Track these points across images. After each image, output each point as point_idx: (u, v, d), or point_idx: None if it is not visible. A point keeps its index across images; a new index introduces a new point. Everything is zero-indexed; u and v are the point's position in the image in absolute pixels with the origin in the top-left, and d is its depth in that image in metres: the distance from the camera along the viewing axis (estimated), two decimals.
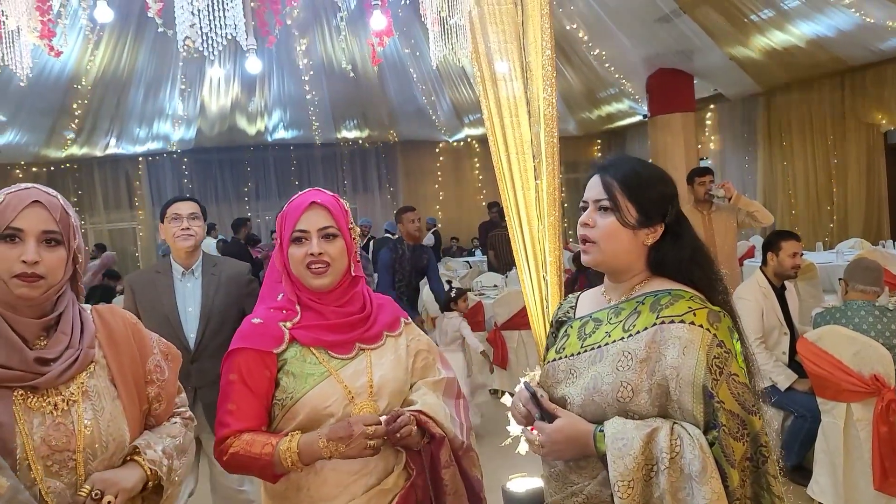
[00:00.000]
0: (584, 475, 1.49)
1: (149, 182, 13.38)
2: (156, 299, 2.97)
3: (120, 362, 1.50)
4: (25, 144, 11.16)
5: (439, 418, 1.71)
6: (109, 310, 1.59)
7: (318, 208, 1.70)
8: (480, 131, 13.60)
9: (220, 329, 2.99)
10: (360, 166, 14.52)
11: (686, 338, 1.38)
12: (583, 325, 1.59)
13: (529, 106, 3.41)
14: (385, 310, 1.83)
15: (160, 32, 7.91)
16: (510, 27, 3.40)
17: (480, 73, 3.47)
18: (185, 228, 2.99)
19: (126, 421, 1.46)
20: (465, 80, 10.94)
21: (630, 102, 11.33)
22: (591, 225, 1.52)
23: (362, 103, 11.95)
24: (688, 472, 1.32)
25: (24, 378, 1.35)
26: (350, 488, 1.64)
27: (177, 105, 10.78)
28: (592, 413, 1.45)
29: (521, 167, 3.38)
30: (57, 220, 1.40)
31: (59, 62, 7.94)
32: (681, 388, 1.37)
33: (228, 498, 3.14)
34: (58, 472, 1.35)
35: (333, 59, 9.81)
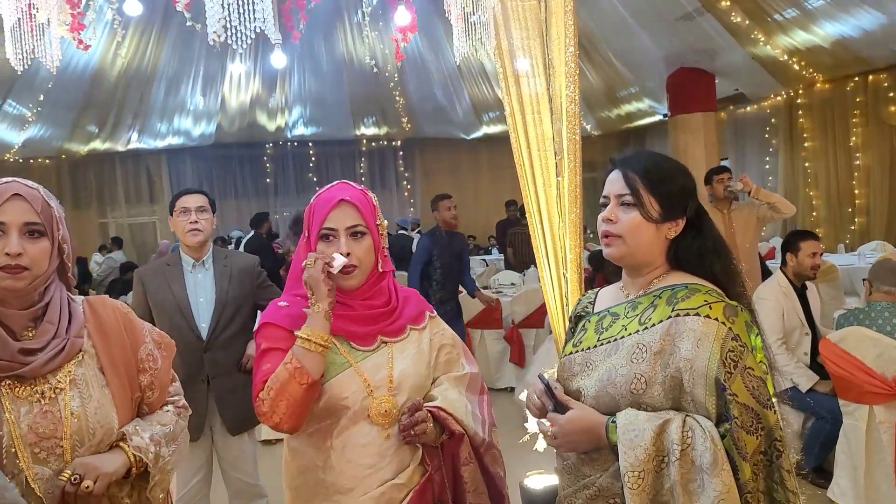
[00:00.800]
0: (596, 467, 1.50)
1: (169, 177, 13.50)
2: (166, 290, 2.99)
3: (109, 351, 1.53)
4: (49, 138, 11.30)
5: (459, 415, 1.69)
6: (100, 300, 1.62)
7: (347, 205, 1.67)
8: (499, 129, 13.58)
9: (232, 320, 3.02)
10: (378, 163, 14.56)
11: (700, 330, 1.39)
12: (600, 320, 1.60)
13: (552, 103, 3.41)
14: (410, 303, 1.82)
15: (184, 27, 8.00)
16: (533, 23, 3.39)
17: (503, 70, 3.48)
18: (193, 222, 3.01)
19: (115, 409, 1.49)
20: (485, 78, 10.93)
21: (650, 101, 11.27)
22: (613, 220, 1.51)
23: (381, 100, 11.98)
24: (699, 463, 1.32)
25: (9, 368, 1.38)
26: (365, 481, 1.63)
27: (198, 100, 10.87)
28: (606, 405, 1.46)
29: (542, 164, 3.38)
30: (38, 211, 1.43)
31: (84, 57, 8.04)
32: (694, 381, 1.38)
33: (241, 491, 3.16)
34: (45, 459, 1.39)
35: (354, 56, 9.84)
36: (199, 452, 3.01)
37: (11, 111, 9.79)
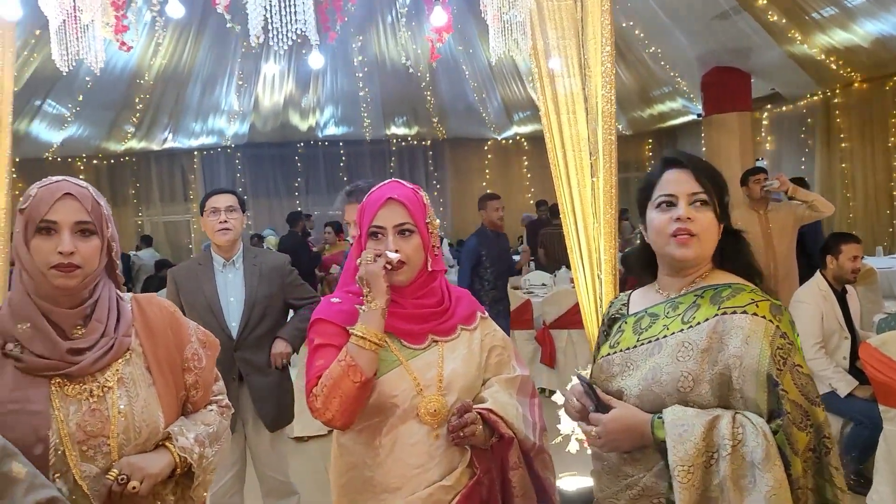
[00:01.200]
0: (639, 467, 1.49)
1: (203, 176, 13.67)
2: (198, 290, 3.04)
3: (155, 350, 1.54)
4: (87, 138, 11.53)
5: (509, 418, 1.67)
6: (148, 298, 1.63)
7: (395, 204, 1.68)
8: (530, 129, 13.53)
9: (262, 319, 3.05)
10: (409, 163, 14.59)
11: (749, 327, 1.39)
12: (638, 321, 1.59)
13: (587, 103, 3.39)
14: (462, 303, 1.81)
15: (220, 28, 8.10)
16: (569, 23, 3.38)
17: (538, 69, 3.47)
18: (222, 221, 3.05)
19: (160, 407, 1.50)
20: (517, 77, 10.91)
21: (683, 101, 11.14)
22: (690, 219, 1.49)
23: (413, 100, 12.01)
24: (750, 459, 1.32)
25: (59, 367, 1.40)
26: (412, 482, 1.63)
27: (232, 101, 11.01)
28: (651, 403, 1.45)
29: (577, 164, 3.36)
30: (89, 210, 1.45)
31: (123, 58, 8.19)
32: (744, 377, 1.38)
33: (273, 489, 3.20)
34: (92, 457, 1.40)
35: (387, 56, 9.89)
36: (233, 449, 3.05)
37: (51, 111, 10.01)
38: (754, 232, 4.95)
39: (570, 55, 3.39)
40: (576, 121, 3.38)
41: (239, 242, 3.17)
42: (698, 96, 9.54)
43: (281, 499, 3.21)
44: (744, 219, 4.99)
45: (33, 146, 10.45)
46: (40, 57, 7.60)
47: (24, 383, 1.38)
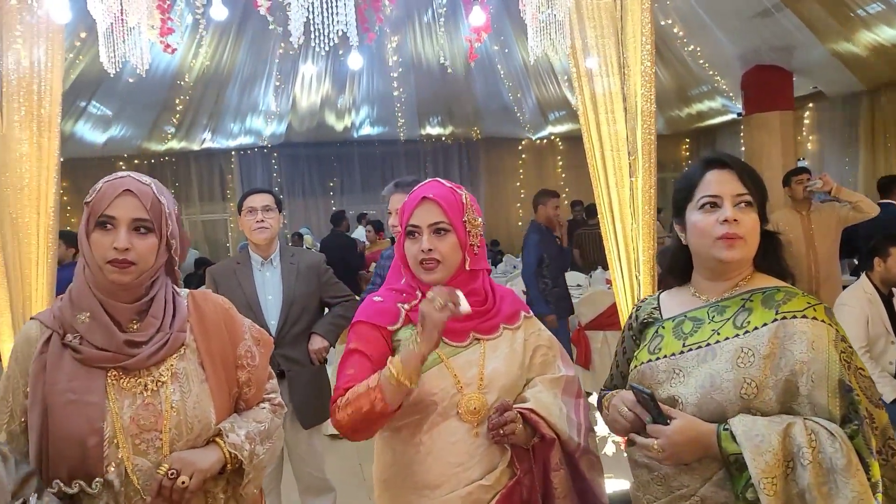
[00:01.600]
0: (695, 477, 1.45)
1: (240, 175, 13.85)
2: (237, 289, 3.09)
3: (209, 346, 1.56)
4: (129, 138, 11.76)
5: (551, 418, 1.66)
6: (203, 295, 1.66)
7: (430, 203, 1.70)
8: (565, 129, 13.44)
9: (300, 317, 3.09)
10: (443, 163, 14.60)
11: (812, 332, 1.38)
12: (678, 325, 1.56)
13: (626, 102, 3.36)
14: (506, 302, 1.81)
15: (259, 30, 8.19)
16: (608, 21, 3.36)
17: (576, 69, 3.44)
18: (259, 221, 3.09)
19: (212, 403, 1.52)
20: (553, 77, 10.84)
21: (723, 100, 10.95)
22: (736, 221, 1.47)
23: (448, 100, 12.02)
24: (828, 466, 1.31)
25: (115, 359, 1.43)
26: (451, 480, 1.63)
27: (270, 101, 11.14)
28: (711, 412, 1.43)
29: (615, 164, 3.34)
30: (147, 208, 1.47)
31: (165, 59, 8.35)
32: (813, 384, 1.36)
33: (310, 485, 3.23)
34: (145, 451, 1.42)
35: (423, 56, 9.91)
36: None
37: (95, 112, 10.24)
38: (796, 233, 4.87)
39: (609, 54, 3.37)
40: (614, 120, 3.35)
41: (276, 241, 3.21)
42: (738, 95, 9.37)
43: (318, 495, 3.25)
44: (786, 220, 4.90)
45: (78, 146, 10.69)
46: (86, 59, 7.79)
47: (82, 374, 1.41)
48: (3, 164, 2.95)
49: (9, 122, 2.94)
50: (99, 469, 1.39)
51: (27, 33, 2.91)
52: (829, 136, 10.94)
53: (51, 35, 2.95)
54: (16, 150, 2.95)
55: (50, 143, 2.97)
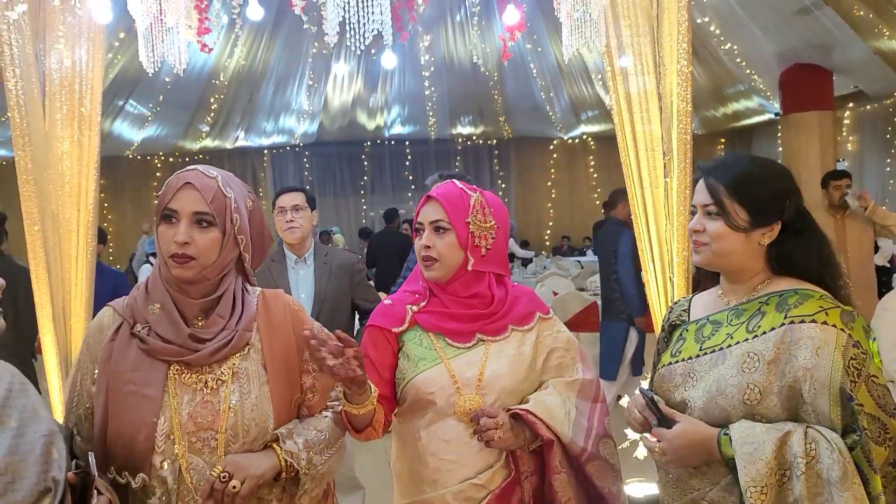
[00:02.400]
0: (705, 480, 1.46)
1: (272, 174, 14.01)
2: (271, 286, 3.10)
3: (273, 348, 1.50)
4: (165, 137, 11.97)
5: (551, 420, 1.64)
6: (275, 295, 1.60)
7: (433, 202, 1.73)
8: (597, 128, 13.34)
9: (332, 316, 3.10)
10: (474, 162, 14.60)
11: (819, 338, 1.35)
12: (700, 328, 1.56)
13: (661, 101, 3.32)
14: (520, 303, 1.80)
15: (293, 29, 8.26)
16: (643, 19, 3.32)
17: (611, 68, 3.41)
18: (289, 221, 3.11)
19: (272, 407, 1.45)
20: (585, 76, 10.77)
21: (760, 99, 10.77)
22: (700, 230, 1.50)
23: (479, 99, 12.01)
24: (826, 477, 1.29)
25: (180, 353, 1.40)
26: (446, 476, 1.66)
27: (302, 100, 11.24)
28: (716, 416, 1.43)
29: (650, 164, 3.30)
30: (209, 201, 1.41)
31: (201, 59, 8.47)
32: (815, 391, 1.34)
33: (339, 483, 3.24)
34: (200, 450, 1.39)
35: (455, 55, 9.91)
36: None
37: (132, 111, 10.44)
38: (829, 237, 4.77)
39: (644, 52, 3.33)
40: (649, 120, 3.31)
41: (310, 240, 3.23)
42: (776, 94, 9.21)
43: (347, 493, 3.26)
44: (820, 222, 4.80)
45: (116, 144, 10.91)
46: (124, 59, 7.93)
47: (145, 365, 1.40)
48: (45, 161, 3.01)
49: (51, 120, 3.00)
50: (145, 464, 1.37)
51: (69, 34, 2.96)
52: (870, 137, 10.71)
53: (92, 35, 3.01)
54: (57, 147, 3.01)
55: (90, 142, 3.02)
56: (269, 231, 1.58)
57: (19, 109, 2.96)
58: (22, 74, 2.94)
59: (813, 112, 8.32)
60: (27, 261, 2.96)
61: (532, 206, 14.56)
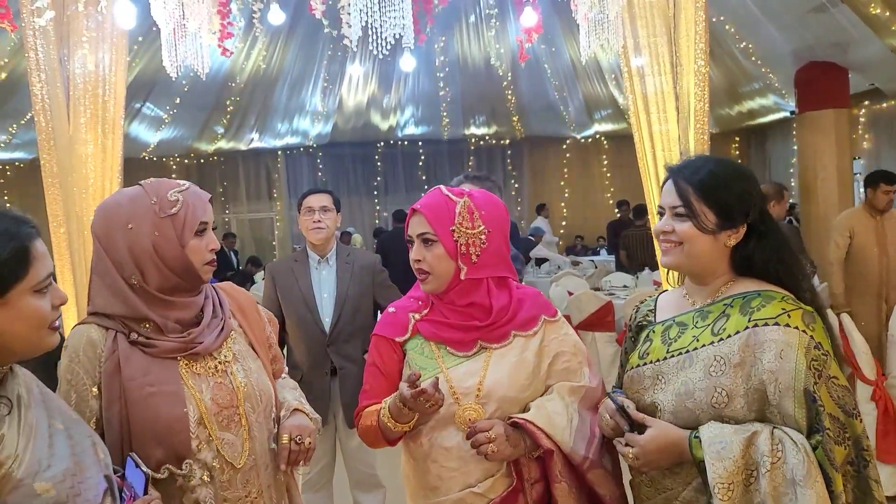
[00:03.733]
0: (678, 480, 1.49)
1: (286, 175, 14.07)
2: (294, 286, 3.14)
3: (252, 329, 1.70)
4: (181, 138, 12.07)
5: (551, 429, 1.61)
6: (231, 285, 1.79)
7: (418, 214, 1.71)
8: (610, 128, 13.31)
9: (353, 316, 3.12)
10: (487, 162, 14.60)
11: (782, 340, 1.38)
12: (666, 330, 1.58)
13: (678, 101, 3.34)
14: (524, 306, 1.74)
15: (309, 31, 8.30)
16: (660, 20, 3.33)
17: (627, 68, 3.42)
18: (316, 221, 3.14)
19: (268, 378, 1.67)
20: (599, 75, 10.76)
21: (775, 97, 10.72)
22: (668, 231, 1.52)
23: (492, 99, 12.01)
24: (791, 476, 1.32)
25: (186, 347, 1.53)
26: (446, 483, 1.65)
27: (317, 102, 11.30)
28: (685, 420, 1.45)
29: (666, 163, 3.31)
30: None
31: (217, 62, 8.54)
32: (780, 393, 1.37)
33: (361, 481, 3.27)
34: (227, 426, 1.53)
35: (469, 56, 9.93)
36: (324, 440, 3.13)
37: (149, 113, 10.53)
38: (869, 238, 4.71)
39: (661, 52, 3.35)
40: (666, 119, 3.33)
41: (333, 240, 3.26)
42: (791, 93, 9.15)
43: (368, 491, 3.28)
44: (860, 222, 4.75)
45: (133, 146, 11.00)
46: (142, 62, 8.01)
47: (155, 367, 1.50)
48: (70, 165, 3.07)
49: (75, 124, 3.05)
50: (187, 451, 1.47)
51: (92, 39, 3.02)
52: (886, 135, 10.62)
53: (115, 40, 3.06)
54: (81, 151, 3.07)
55: (114, 145, 3.08)
56: None
57: (45, 114, 3.02)
58: (47, 79, 3.00)
59: (829, 110, 8.25)
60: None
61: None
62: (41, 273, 1.17)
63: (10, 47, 7.35)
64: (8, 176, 12.10)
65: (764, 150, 12.97)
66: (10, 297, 1.14)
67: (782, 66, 8.95)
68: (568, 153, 14.64)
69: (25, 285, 1.15)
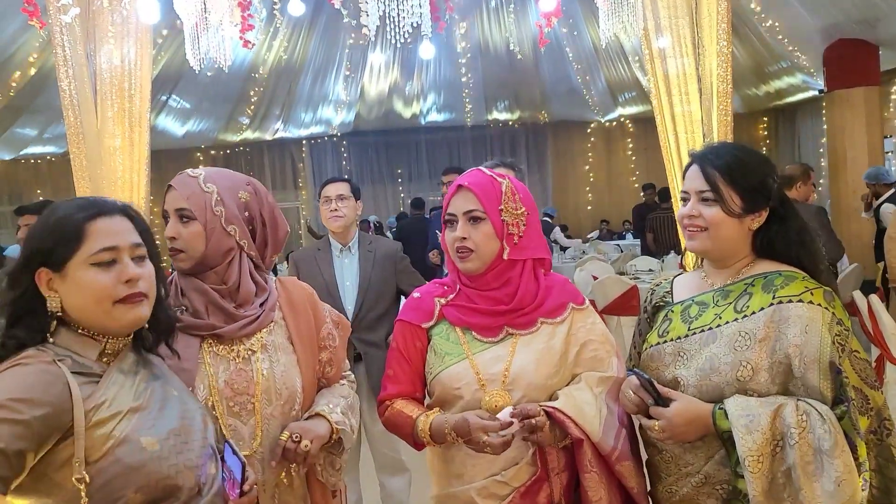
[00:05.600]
0: (699, 455, 1.52)
1: (311, 164, 14.16)
2: (317, 274, 3.18)
3: (297, 324, 1.67)
4: (207, 130, 12.21)
5: (580, 418, 1.58)
6: (291, 280, 1.79)
7: (465, 191, 1.67)
8: (635, 110, 13.17)
9: (376, 303, 3.16)
10: (510, 148, 14.52)
11: (807, 316, 1.43)
12: (686, 309, 1.61)
13: (700, 83, 3.31)
14: (552, 293, 1.72)
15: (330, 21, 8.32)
16: (681, 1, 3.30)
17: (648, 50, 3.40)
18: (333, 210, 3.17)
19: (299, 375, 1.62)
20: (622, 58, 10.64)
21: (803, 76, 10.50)
22: (696, 216, 1.55)
23: (515, 84, 11.95)
24: (817, 446, 1.36)
25: (212, 327, 1.55)
26: (471, 471, 1.63)
27: (339, 90, 11.34)
28: (709, 393, 1.49)
29: (689, 146, 3.29)
30: (186, 198, 1.56)
31: (241, 53, 8.61)
32: (805, 366, 1.41)
33: (385, 464, 3.32)
34: (238, 413, 1.54)
35: (490, 41, 9.89)
36: None
37: (175, 106, 10.67)
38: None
39: (683, 34, 3.32)
40: (689, 101, 3.31)
41: (354, 228, 3.29)
42: (820, 71, 8.98)
43: (393, 474, 3.33)
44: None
45: (160, 138, 11.13)
46: (167, 55, 8.11)
47: (179, 340, 1.50)
48: (98, 157, 3.14)
49: (103, 117, 3.12)
50: None
51: (118, 33, 3.07)
52: None
53: (139, 34, 3.12)
54: (109, 144, 3.14)
55: (140, 138, 3.14)
56: (281, 219, 1.70)
57: (73, 109, 3.09)
58: (74, 75, 3.07)
59: (859, 88, 8.10)
60: None
61: (570, 190, 14.46)
62: (94, 247, 1.24)
63: (38, 43, 7.49)
64: (41, 170, 12.37)
65: (793, 129, 12.73)
66: (68, 269, 1.22)
67: (810, 45, 8.78)
68: (592, 137, 14.52)
69: (80, 257, 1.23)
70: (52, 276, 1.23)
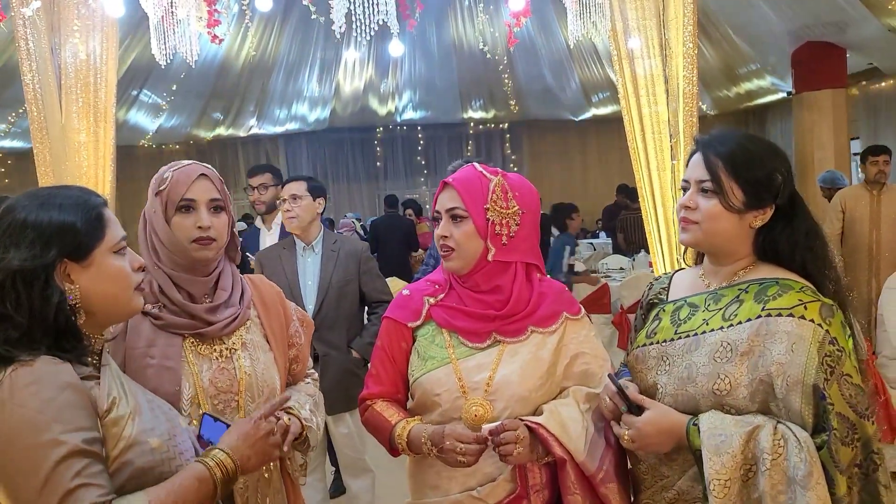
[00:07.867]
0: (674, 468, 1.44)
1: (286, 161, 14.05)
2: (280, 273, 3.16)
3: (270, 322, 1.70)
4: (179, 126, 12.04)
5: (566, 438, 1.51)
6: (259, 278, 1.80)
7: (449, 188, 1.63)
8: (608, 110, 13.26)
9: (337, 303, 3.14)
10: (486, 146, 14.57)
11: (795, 333, 1.31)
12: (677, 310, 1.52)
13: (667, 84, 3.34)
14: (545, 301, 1.65)
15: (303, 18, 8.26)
16: (650, 2, 3.33)
17: (617, 51, 3.43)
18: (286, 210, 3.16)
19: (277, 371, 1.66)
20: (596, 58, 10.71)
21: (773, 78, 10.67)
22: (692, 207, 1.43)
23: (489, 83, 11.98)
24: (791, 475, 1.26)
25: (194, 327, 1.55)
26: (447, 483, 1.59)
27: (314, 87, 11.27)
28: (685, 404, 1.40)
29: (656, 146, 3.33)
30: (219, 189, 1.60)
31: (213, 49, 8.52)
32: (788, 387, 1.30)
33: (349, 465, 3.32)
34: (222, 411, 1.55)
35: (464, 40, 9.89)
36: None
37: (147, 100, 10.51)
38: (862, 211, 4.78)
39: (651, 35, 3.35)
40: (656, 102, 3.35)
41: (318, 227, 3.26)
42: (788, 73, 9.13)
43: (357, 476, 3.32)
44: (855, 196, 4.84)
45: (131, 133, 10.98)
46: (137, 49, 8.00)
47: (161, 340, 1.53)
48: (63, 153, 3.09)
49: (67, 112, 3.07)
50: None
51: (83, 27, 3.03)
52: (885, 115, 10.56)
53: (105, 28, 3.07)
54: (74, 139, 3.09)
55: (106, 133, 3.10)
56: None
57: (37, 103, 3.04)
58: (38, 68, 3.02)
59: (826, 90, 8.23)
60: None
61: (544, 189, 14.47)
62: (117, 234, 1.27)
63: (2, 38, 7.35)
64: (8, 164, 12.12)
65: (763, 131, 12.91)
66: (94, 258, 1.23)
67: (779, 47, 8.91)
68: (566, 136, 14.60)
69: (105, 246, 1.24)
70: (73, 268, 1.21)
